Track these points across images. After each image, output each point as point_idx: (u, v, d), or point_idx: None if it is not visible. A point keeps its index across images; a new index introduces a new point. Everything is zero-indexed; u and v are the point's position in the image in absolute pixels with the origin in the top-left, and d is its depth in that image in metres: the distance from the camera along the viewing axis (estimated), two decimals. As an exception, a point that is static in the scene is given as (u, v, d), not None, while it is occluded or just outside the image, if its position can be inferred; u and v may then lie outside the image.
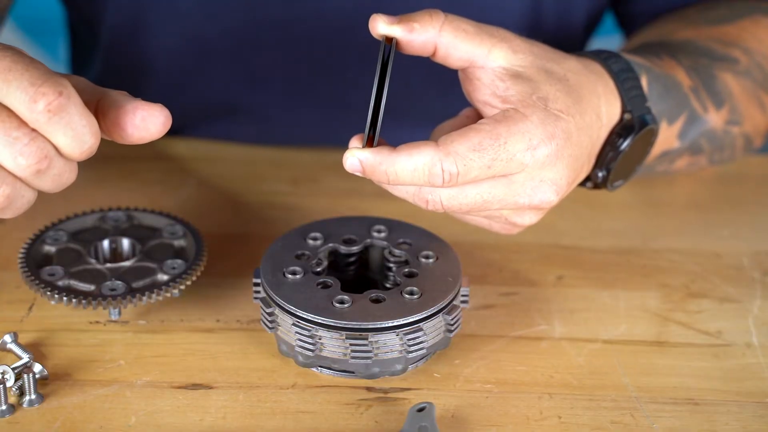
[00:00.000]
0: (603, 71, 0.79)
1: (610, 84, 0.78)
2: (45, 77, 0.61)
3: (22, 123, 0.62)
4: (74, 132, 0.62)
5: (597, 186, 0.80)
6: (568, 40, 1.05)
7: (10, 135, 0.61)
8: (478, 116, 0.76)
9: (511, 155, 0.70)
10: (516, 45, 0.74)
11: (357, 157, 0.70)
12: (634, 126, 0.78)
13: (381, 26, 0.71)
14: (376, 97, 0.69)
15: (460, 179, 0.70)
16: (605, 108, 0.77)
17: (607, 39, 1.19)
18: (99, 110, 0.65)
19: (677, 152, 0.89)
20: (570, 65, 0.76)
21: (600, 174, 0.79)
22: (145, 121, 0.65)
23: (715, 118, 0.89)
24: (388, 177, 0.70)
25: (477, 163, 0.69)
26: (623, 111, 0.79)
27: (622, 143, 0.78)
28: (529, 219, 0.75)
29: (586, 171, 0.78)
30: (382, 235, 0.78)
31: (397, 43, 0.71)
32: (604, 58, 0.80)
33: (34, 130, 0.62)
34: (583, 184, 0.80)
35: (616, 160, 0.79)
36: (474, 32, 0.73)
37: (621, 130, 0.79)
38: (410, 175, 0.69)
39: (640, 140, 0.79)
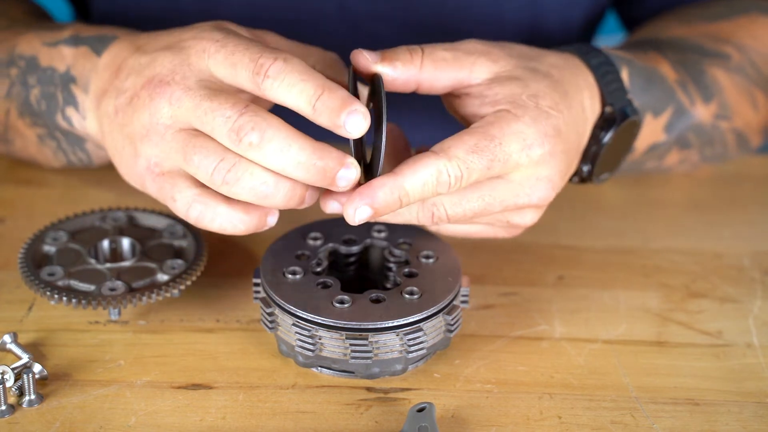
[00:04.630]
0: (582, 65, 0.80)
1: (590, 78, 0.79)
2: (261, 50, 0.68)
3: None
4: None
5: (583, 180, 0.81)
6: (568, 40, 1.05)
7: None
8: None
9: (508, 155, 0.70)
10: (494, 55, 0.74)
11: (366, 204, 0.68)
12: (615, 119, 0.79)
13: (366, 64, 0.72)
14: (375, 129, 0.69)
15: (464, 182, 0.70)
16: (588, 102, 0.78)
17: (610, 38, 1.19)
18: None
19: (665, 146, 0.89)
20: (551, 61, 0.77)
21: (585, 168, 0.80)
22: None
23: (702, 112, 0.89)
24: (401, 200, 0.69)
25: (477, 165, 0.69)
26: (603, 104, 0.79)
27: (604, 136, 0.79)
28: (530, 218, 0.75)
29: (575, 165, 0.79)
30: (382, 235, 0.78)
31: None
32: (583, 52, 0.80)
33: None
34: (570, 179, 0.81)
35: (599, 154, 0.79)
36: (452, 58, 0.73)
37: (603, 123, 0.79)
38: (420, 189, 0.69)
39: (623, 132, 0.80)
